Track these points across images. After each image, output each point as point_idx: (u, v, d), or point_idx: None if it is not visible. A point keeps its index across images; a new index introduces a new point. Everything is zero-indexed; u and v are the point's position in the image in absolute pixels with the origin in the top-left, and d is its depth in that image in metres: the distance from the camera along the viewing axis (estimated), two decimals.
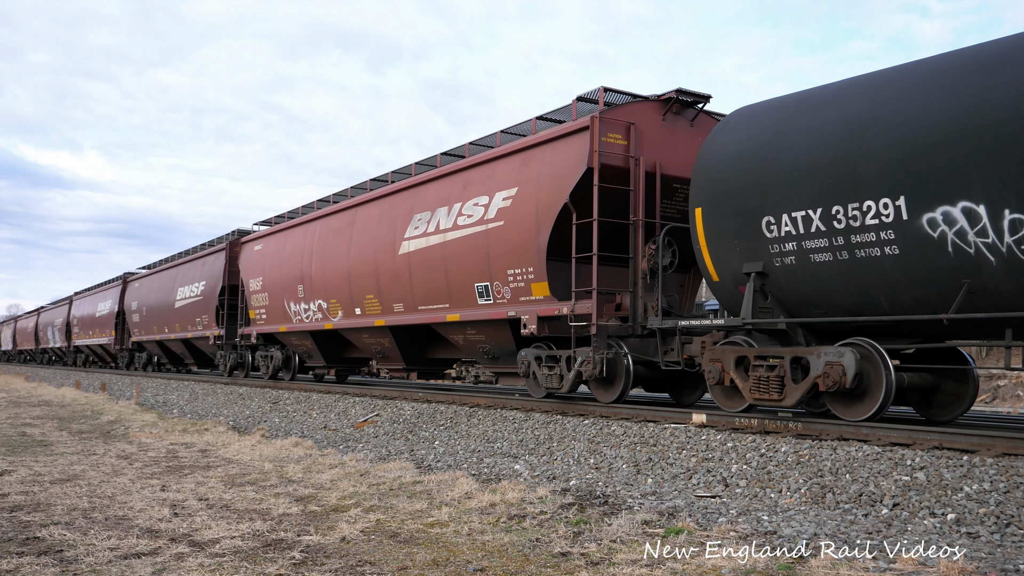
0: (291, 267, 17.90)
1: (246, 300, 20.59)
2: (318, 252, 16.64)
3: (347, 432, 11.96)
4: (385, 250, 14.16)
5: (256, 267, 20.01)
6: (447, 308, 12.75)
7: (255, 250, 20.43)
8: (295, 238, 18.11)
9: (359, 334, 15.69)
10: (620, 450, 8.23)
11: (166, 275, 27.77)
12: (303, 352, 18.71)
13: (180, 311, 25.41)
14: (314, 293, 16.73)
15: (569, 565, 4.59)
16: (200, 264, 24.44)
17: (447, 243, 12.50)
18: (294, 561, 4.74)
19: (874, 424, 7.69)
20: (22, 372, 42.00)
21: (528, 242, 10.90)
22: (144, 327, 29.59)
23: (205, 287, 23.37)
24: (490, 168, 11.99)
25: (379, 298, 14.48)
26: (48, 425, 13.18)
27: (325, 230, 16.67)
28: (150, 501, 6.55)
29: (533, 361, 11.35)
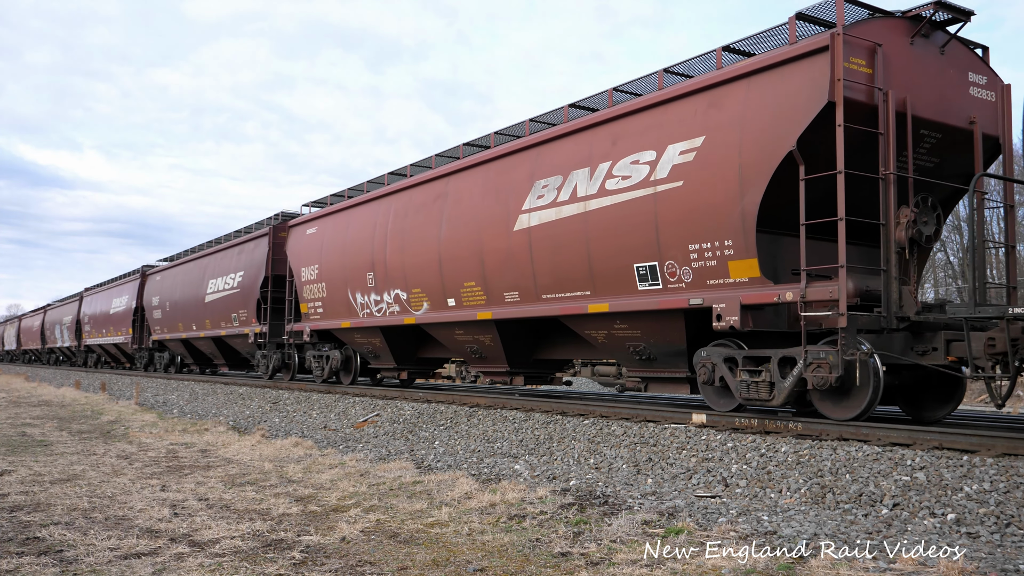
0: (357, 252, 15.30)
1: (296, 292, 18.07)
2: (395, 233, 14.12)
3: (347, 432, 11.96)
4: (493, 227, 11.64)
5: (310, 253, 17.30)
6: (587, 296, 10.25)
7: (308, 234, 17.66)
8: (362, 218, 15.43)
9: (449, 330, 13.27)
10: (620, 450, 8.23)
11: (194, 267, 24.97)
12: (367, 351, 16.09)
13: (211, 306, 22.80)
14: (389, 282, 14.27)
15: (569, 565, 4.59)
16: (236, 253, 21.74)
17: (589, 214, 9.99)
18: (294, 561, 4.74)
19: (874, 424, 7.69)
20: (23, 372, 41.95)
21: (725, 207, 8.48)
22: (167, 324, 27.02)
23: (243, 278, 20.70)
24: (655, 116, 9.43)
25: (483, 286, 12.00)
26: (48, 425, 13.19)
27: (404, 206, 14.06)
28: (150, 501, 6.55)
29: (722, 364, 8.79)
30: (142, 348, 30.79)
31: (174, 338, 26.35)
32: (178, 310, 25.69)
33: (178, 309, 25.69)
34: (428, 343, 15.02)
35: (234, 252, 22.05)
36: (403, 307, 14.03)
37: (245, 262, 20.92)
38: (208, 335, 23.34)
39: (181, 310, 25.38)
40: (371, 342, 15.65)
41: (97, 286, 38.26)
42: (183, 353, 27.12)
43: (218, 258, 23.17)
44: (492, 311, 11.86)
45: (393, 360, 15.43)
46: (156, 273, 29.10)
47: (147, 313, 29.22)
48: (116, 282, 34.67)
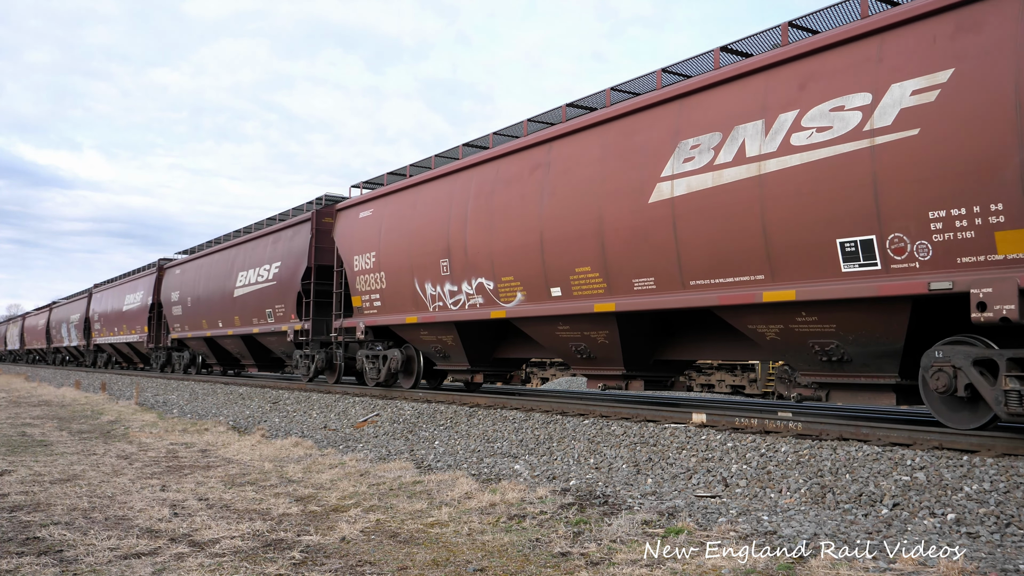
0: (427, 236, 13.26)
1: (347, 284, 16.12)
2: (477, 212, 12.05)
3: (347, 432, 11.97)
4: (618, 199, 9.64)
5: (364, 239, 15.25)
6: (760, 282, 8.23)
7: (361, 218, 15.55)
8: (432, 197, 13.37)
9: (550, 326, 11.17)
10: (620, 450, 8.23)
11: (220, 258, 22.87)
12: (435, 351, 14.04)
13: (241, 301, 20.66)
14: (470, 270, 12.23)
15: (569, 565, 4.59)
16: (271, 242, 19.57)
17: (765, 178, 8.01)
18: (294, 561, 4.74)
19: (874, 424, 7.69)
20: (23, 372, 41.92)
21: (991, 159, 6.53)
22: (188, 321, 24.84)
23: (281, 270, 18.54)
24: (867, 48, 7.41)
25: (602, 271, 9.97)
26: (48, 425, 13.19)
27: (489, 181, 11.97)
28: (150, 501, 6.55)
29: (970, 368, 6.82)
30: (159, 347, 28.78)
31: (197, 336, 24.30)
32: (201, 306, 23.66)
33: (201, 305, 23.66)
34: (512, 341, 13.24)
35: (268, 241, 19.88)
36: (488, 298, 11.99)
37: (282, 251, 18.76)
38: (237, 333, 21.17)
39: (205, 306, 23.34)
40: (441, 340, 13.64)
41: (107, 282, 36.20)
42: (206, 353, 25.13)
43: (249, 248, 21.02)
44: (615, 302, 9.82)
45: (466, 360, 13.46)
46: (175, 266, 26.85)
47: (165, 310, 27.14)
48: (129, 277, 32.50)
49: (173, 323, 26.33)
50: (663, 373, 10.98)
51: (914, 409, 10.81)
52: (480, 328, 13.12)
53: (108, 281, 36.17)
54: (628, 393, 16.55)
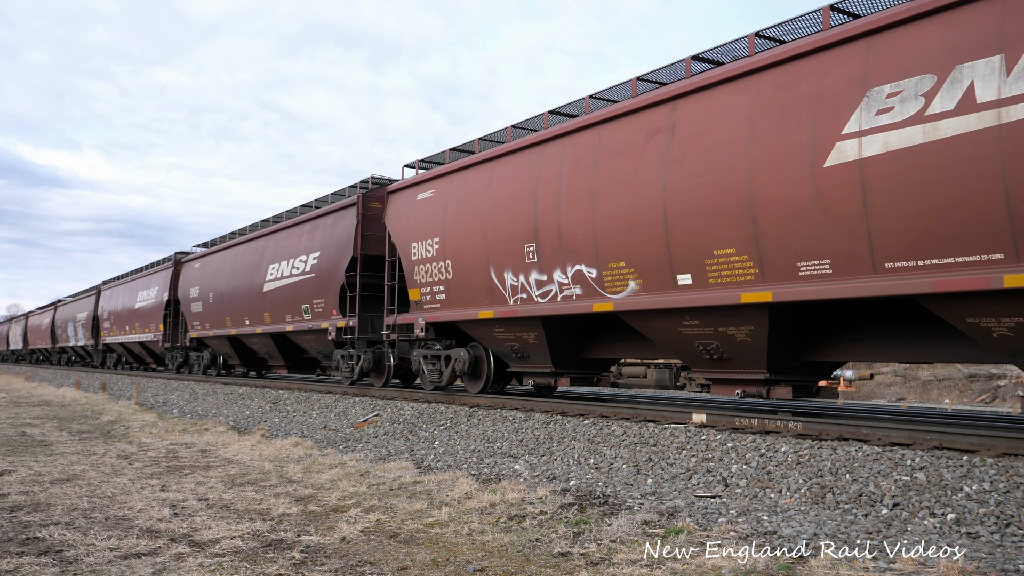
0: (506, 217, 11.48)
1: (403, 275, 14.42)
2: (573, 187, 10.30)
3: (347, 432, 11.97)
4: (776, 165, 7.96)
5: (425, 224, 13.49)
6: (999, 263, 6.52)
7: (420, 200, 13.75)
8: (512, 172, 11.58)
9: (673, 320, 9.37)
10: (620, 450, 8.23)
11: (247, 250, 20.96)
12: (511, 350, 12.22)
13: (272, 296, 18.82)
14: (565, 254, 10.48)
15: (569, 565, 4.59)
16: (309, 231, 17.71)
17: (1005, 128, 6.38)
18: (294, 561, 4.74)
19: (874, 424, 7.69)
20: (23, 372, 41.88)
21: None
22: (209, 319, 22.95)
23: (320, 261, 16.70)
24: None
25: (752, 253, 8.28)
26: (48, 425, 13.18)
27: (589, 151, 10.19)
28: (150, 501, 6.55)
29: None
30: (175, 347, 26.83)
31: (220, 335, 22.34)
32: (225, 302, 21.71)
33: (225, 301, 21.73)
34: (607, 338, 11.56)
35: (304, 230, 18.00)
36: (590, 289, 10.21)
37: (322, 241, 16.87)
38: (267, 331, 19.26)
39: (229, 302, 21.45)
40: (521, 338, 11.84)
41: (118, 278, 34.32)
42: (228, 353, 23.18)
43: (281, 238, 19.11)
44: (772, 290, 8.14)
45: (550, 361, 11.64)
46: (194, 260, 24.98)
47: (183, 307, 25.11)
48: (142, 273, 30.50)
49: (192, 321, 24.36)
50: (807, 377, 9.33)
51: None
52: (572, 324, 11.38)
53: (119, 277, 34.38)
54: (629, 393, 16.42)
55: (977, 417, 10.82)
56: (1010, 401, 21.61)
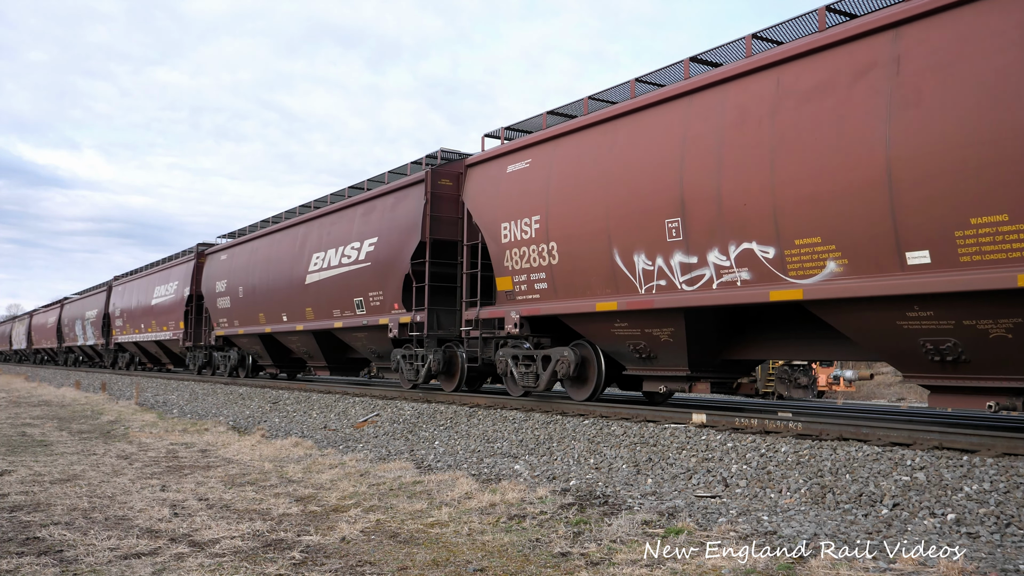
0: (638, 187, 9.46)
1: (484, 260, 12.61)
2: (740, 145, 8.36)
3: (347, 432, 11.97)
4: None
5: (519, 200, 11.48)
6: None
7: (512, 172, 11.73)
8: (645, 132, 9.57)
9: (891, 312, 7.42)
10: (620, 450, 8.23)
11: (284, 239, 18.86)
12: (632, 350, 10.21)
13: (317, 289, 16.72)
14: (726, 230, 8.53)
15: (569, 565, 4.59)
16: (362, 213, 15.54)
17: None
18: (294, 561, 4.74)
19: (874, 424, 7.68)
20: (23, 372, 41.84)
21: None
22: (239, 315, 20.80)
23: (378, 248, 14.62)
24: None
25: None
26: (48, 425, 13.19)
27: (762, 98, 8.26)
28: (150, 501, 6.55)
29: None
30: (198, 346, 24.74)
31: (251, 333, 20.22)
32: (258, 297, 19.57)
33: (258, 295, 19.58)
34: (756, 335, 9.62)
35: (356, 214, 15.78)
36: (764, 272, 8.24)
37: (380, 225, 14.71)
38: (310, 328, 17.13)
39: (264, 296, 19.29)
40: (651, 333, 9.83)
41: (131, 273, 32.18)
42: (259, 352, 20.95)
43: (327, 224, 16.89)
44: None
45: (686, 363, 9.63)
46: (220, 251, 22.85)
47: (207, 302, 22.99)
48: (159, 267, 28.24)
49: (218, 318, 22.15)
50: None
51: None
52: (720, 317, 9.57)
53: (132, 272, 32.11)
54: (628, 393, 16.33)
55: (977, 417, 10.82)
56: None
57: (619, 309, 9.85)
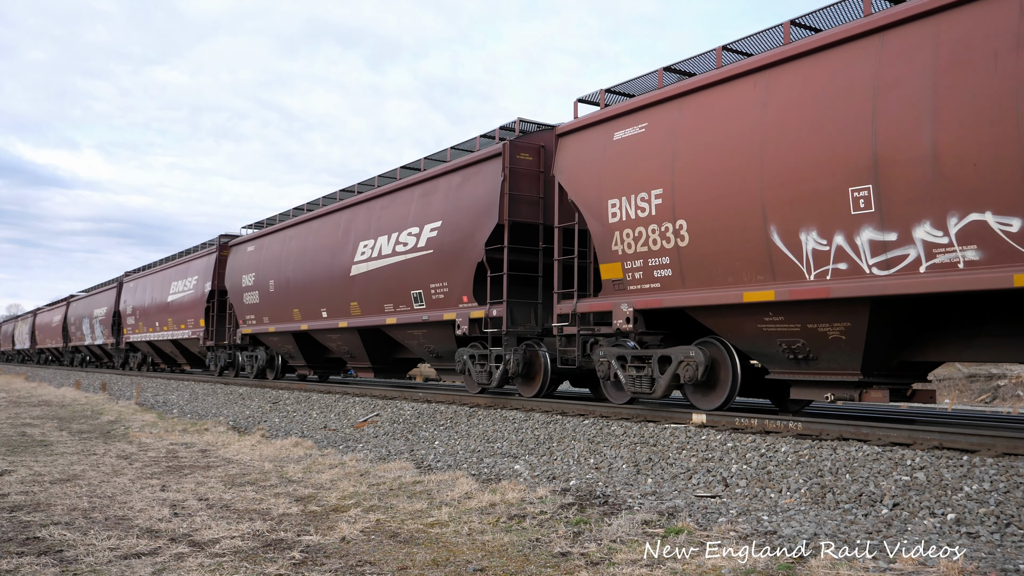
0: (806, 149, 7.81)
1: (581, 244, 10.84)
2: (964, 91, 6.73)
3: (347, 432, 11.97)
4: None
5: (631, 171, 9.67)
6: None
7: (618, 140, 9.89)
8: (814, 83, 7.89)
9: None
10: (620, 450, 8.23)
11: (325, 226, 16.85)
12: (783, 349, 8.50)
13: (365, 282, 14.80)
14: (940, 199, 6.90)
15: (569, 565, 4.59)
16: (422, 195, 13.58)
17: None
18: (294, 561, 4.74)
19: (874, 424, 7.68)
20: (23, 372, 41.82)
21: None
22: (269, 312, 18.95)
23: (442, 233, 12.76)
24: None
25: None
26: (48, 425, 13.19)
27: (992, 33, 6.64)
28: (150, 501, 6.55)
29: None
30: (219, 346, 22.92)
31: (284, 331, 18.34)
32: (292, 291, 17.78)
33: (292, 290, 17.79)
34: (946, 332, 8.05)
35: (414, 195, 13.79)
36: (1003, 250, 6.58)
37: (445, 207, 12.87)
38: (356, 324, 15.28)
39: (299, 290, 17.53)
40: (815, 329, 8.13)
41: (143, 268, 30.47)
42: (291, 351, 19.13)
43: (377, 208, 14.89)
44: None
45: (859, 364, 7.97)
46: (246, 243, 20.99)
47: (232, 298, 21.20)
48: (177, 260, 26.51)
49: (244, 315, 20.28)
50: None
51: None
52: (908, 310, 7.89)
53: (145, 268, 30.34)
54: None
55: (977, 417, 10.82)
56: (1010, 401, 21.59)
57: (778, 300, 8.06)
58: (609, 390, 10.73)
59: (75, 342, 40.33)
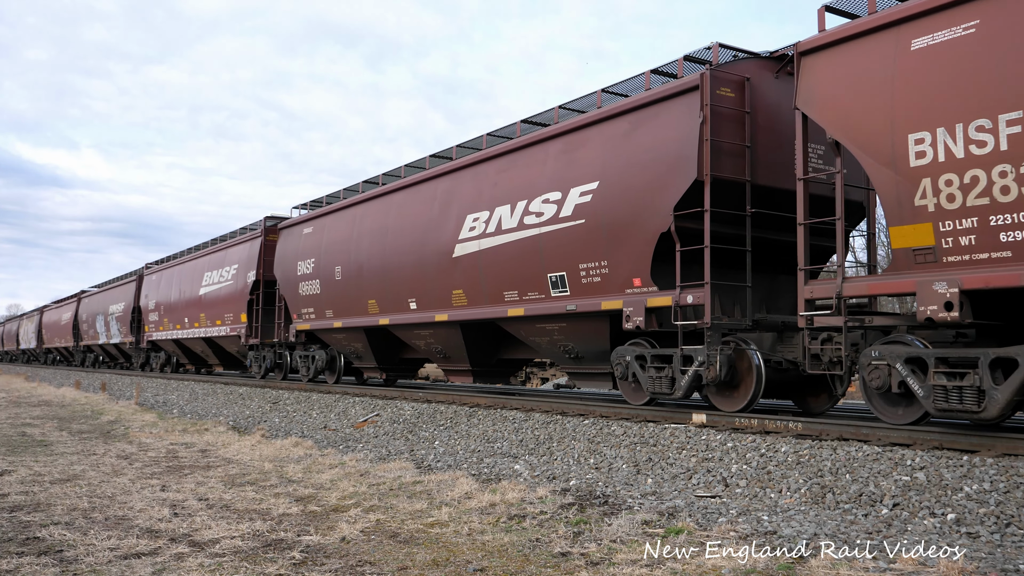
0: None
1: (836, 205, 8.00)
2: None
3: (347, 432, 11.97)
4: None
5: (952, 89, 6.87)
6: None
7: (921, 49, 7.17)
8: None
9: None
10: (620, 450, 8.23)
11: (407, 200, 13.94)
12: None
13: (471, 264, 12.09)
14: None
15: (569, 565, 4.59)
16: (562, 151, 10.66)
17: None
18: (294, 561, 4.74)
19: (874, 424, 7.68)
20: (23, 372, 41.81)
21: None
22: (334, 304, 16.06)
23: (599, 197, 9.95)
24: None
25: None
26: (48, 425, 13.19)
27: None
28: (150, 501, 6.56)
29: None
30: (265, 344, 19.86)
31: (355, 326, 15.43)
32: (368, 278, 14.86)
33: (367, 276, 14.86)
34: None
35: (549, 152, 10.82)
36: None
37: (604, 162, 9.92)
38: (460, 317, 12.50)
39: (377, 277, 14.55)
40: None
41: (169, 259, 27.89)
42: (358, 351, 16.18)
43: (494, 171, 11.94)
44: None
45: None
46: (301, 224, 18.03)
47: (284, 289, 18.24)
48: (210, 248, 23.57)
49: (300, 307, 17.53)
50: None
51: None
52: None
53: (170, 258, 27.83)
54: None
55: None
56: None
57: None
58: (879, 404, 7.74)
59: (87, 340, 37.33)
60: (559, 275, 10.66)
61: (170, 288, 25.98)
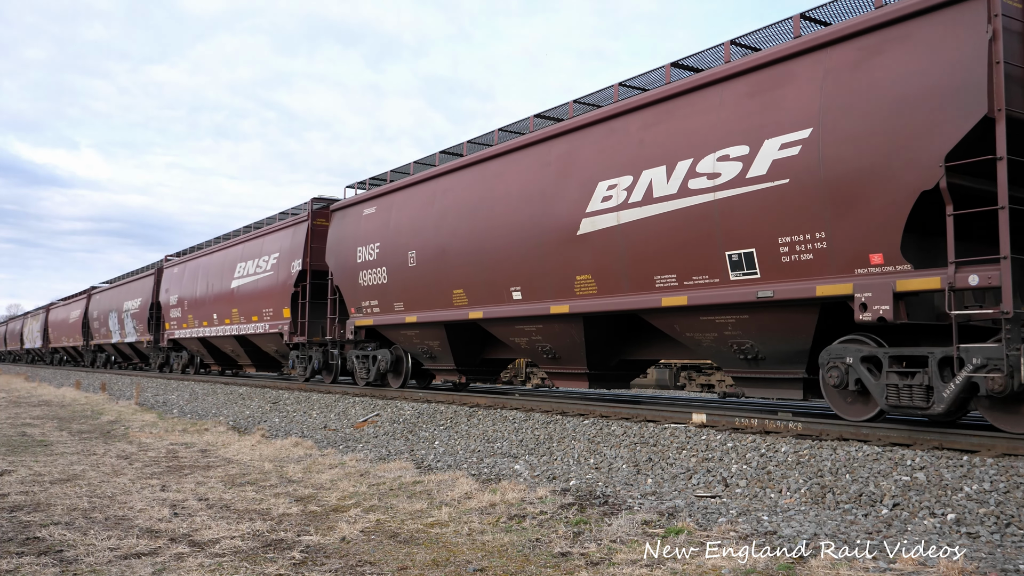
0: None
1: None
2: None
3: (347, 432, 11.97)
4: None
5: None
6: None
7: None
8: None
9: None
10: (620, 450, 8.23)
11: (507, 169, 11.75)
12: None
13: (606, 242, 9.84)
14: None
15: (569, 565, 4.59)
16: (743, 95, 8.45)
17: None
18: (294, 561, 4.74)
19: (874, 424, 7.68)
20: (23, 372, 41.78)
21: None
22: (404, 296, 13.91)
23: (812, 151, 7.66)
24: None
25: None
26: (48, 425, 13.19)
27: None
28: (150, 501, 6.55)
29: None
30: (312, 342, 17.60)
31: (432, 320, 13.31)
32: (450, 265, 12.67)
33: (449, 264, 12.69)
34: None
35: (722, 97, 8.64)
36: None
37: (820, 105, 7.68)
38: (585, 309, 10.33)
39: (463, 264, 12.41)
40: None
41: (192, 250, 25.54)
42: (434, 350, 13.95)
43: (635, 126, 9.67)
44: None
45: None
46: (359, 204, 15.57)
47: (339, 279, 15.81)
48: (243, 236, 21.09)
49: (360, 300, 15.15)
50: None
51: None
52: None
53: (194, 248, 25.03)
54: (628, 393, 16.27)
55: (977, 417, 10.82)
56: None
57: None
58: None
59: (99, 339, 34.54)
60: (744, 252, 8.42)
61: (195, 282, 23.38)
